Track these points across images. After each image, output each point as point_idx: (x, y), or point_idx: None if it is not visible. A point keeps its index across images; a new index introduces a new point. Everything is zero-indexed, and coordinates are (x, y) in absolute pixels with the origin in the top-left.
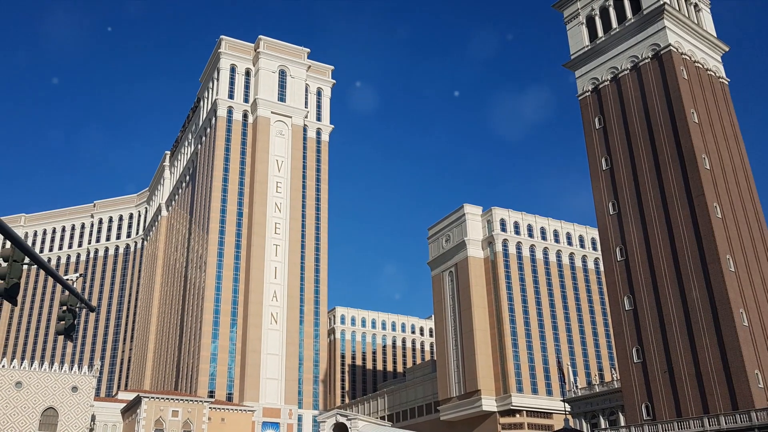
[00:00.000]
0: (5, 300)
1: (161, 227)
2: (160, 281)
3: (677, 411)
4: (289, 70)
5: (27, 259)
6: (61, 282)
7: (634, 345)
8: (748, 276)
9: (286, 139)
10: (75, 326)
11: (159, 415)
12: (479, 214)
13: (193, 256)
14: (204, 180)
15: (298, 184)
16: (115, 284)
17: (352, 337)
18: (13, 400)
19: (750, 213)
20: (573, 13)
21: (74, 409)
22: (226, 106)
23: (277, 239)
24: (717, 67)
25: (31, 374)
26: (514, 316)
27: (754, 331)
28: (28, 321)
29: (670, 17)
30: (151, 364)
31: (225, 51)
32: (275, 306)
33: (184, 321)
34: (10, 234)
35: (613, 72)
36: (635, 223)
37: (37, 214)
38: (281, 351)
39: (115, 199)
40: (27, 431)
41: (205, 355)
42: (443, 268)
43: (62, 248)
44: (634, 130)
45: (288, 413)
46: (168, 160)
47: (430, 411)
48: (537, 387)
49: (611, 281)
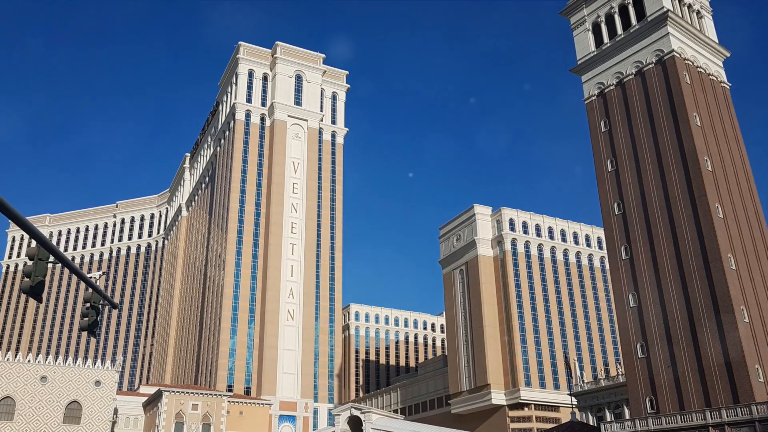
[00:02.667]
0: (31, 297)
1: (181, 227)
2: (181, 279)
3: (680, 404)
4: (305, 75)
5: (52, 257)
6: (85, 280)
7: (639, 341)
8: (749, 274)
9: (302, 141)
10: (98, 322)
11: (179, 409)
12: (489, 214)
13: (213, 254)
14: (223, 181)
15: (314, 185)
16: (136, 282)
17: (366, 333)
18: (38, 394)
19: (750, 213)
20: (579, 19)
21: (97, 402)
22: (245, 109)
23: (293, 238)
24: (718, 72)
25: (56, 369)
26: (522, 313)
27: (755, 327)
28: (52, 317)
29: (674, 24)
30: (172, 359)
31: (243, 56)
32: (292, 303)
33: (203, 317)
34: (36, 233)
35: (618, 77)
36: (639, 222)
37: (61, 214)
38: (297, 346)
39: (137, 199)
40: (52, 424)
41: (224, 351)
42: (454, 266)
43: (86, 247)
44: (638, 133)
45: (304, 407)
46: (188, 162)
47: (442, 404)
48: (545, 381)
49: (616, 279)
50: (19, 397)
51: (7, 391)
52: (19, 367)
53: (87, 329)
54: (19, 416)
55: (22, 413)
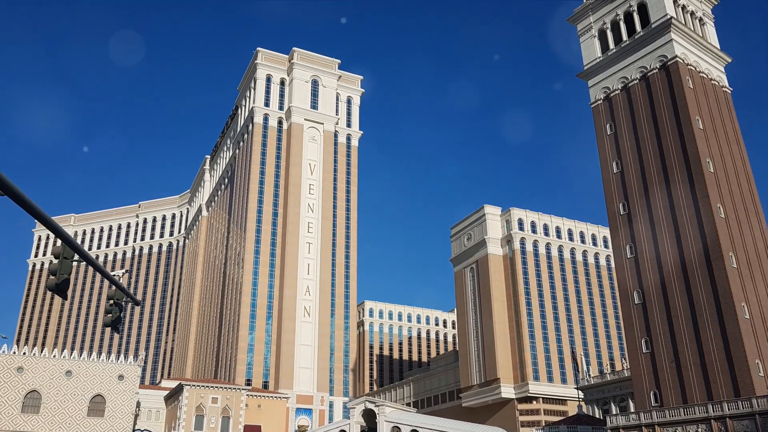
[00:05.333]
0: (56, 294)
1: (201, 226)
2: (201, 277)
3: (683, 398)
4: (321, 80)
5: (76, 256)
6: (108, 278)
7: (643, 336)
8: (750, 272)
9: (318, 144)
10: (121, 319)
11: (200, 402)
12: (498, 214)
13: (232, 253)
14: (242, 182)
15: (330, 186)
16: (158, 280)
17: (380, 328)
18: (63, 388)
19: (751, 213)
20: (586, 26)
21: (120, 396)
22: (263, 113)
23: (309, 237)
24: (720, 77)
25: (81, 363)
26: (531, 310)
27: (755, 323)
28: (77, 314)
29: (677, 30)
30: (192, 354)
31: (261, 62)
32: (308, 300)
33: (223, 314)
34: (61, 233)
35: (623, 81)
36: (644, 222)
37: (85, 214)
38: (314, 342)
39: (159, 200)
40: (76, 417)
41: (242, 346)
42: (465, 264)
43: (109, 246)
44: (643, 136)
45: (320, 400)
46: (208, 164)
47: (453, 398)
48: (552, 375)
49: (621, 277)
50: (45, 391)
51: (33, 385)
52: (45, 362)
53: (110, 325)
54: (45, 409)
55: (47, 406)
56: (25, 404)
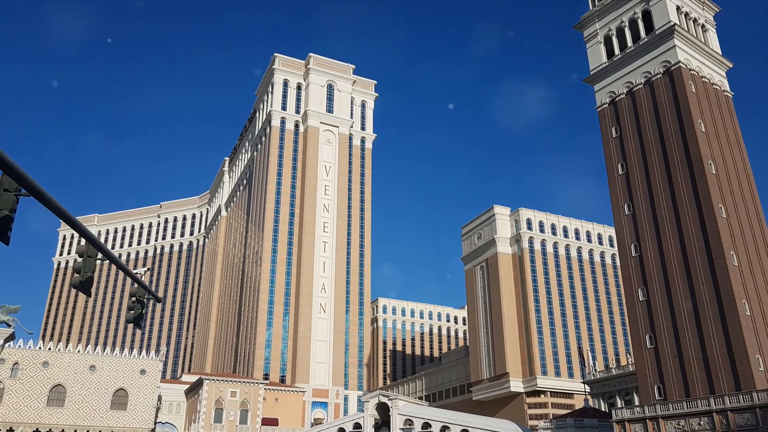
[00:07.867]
0: (81, 291)
1: (221, 226)
2: (220, 275)
3: (686, 392)
4: (336, 85)
5: (100, 255)
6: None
7: (647, 332)
8: (750, 270)
9: (334, 146)
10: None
11: (219, 396)
12: (508, 214)
13: (250, 252)
14: (259, 183)
15: (344, 187)
16: (179, 278)
17: (393, 325)
18: (87, 382)
19: (752, 213)
20: (592, 33)
21: (142, 390)
22: (280, 116)
23: (325, 237)
24: (722, 82)
25: (104, 359)
26: (539, 306)
27: (756, 319)
28: (101, 311)
29: (680, 37)
30: (212, 349)
31: (278, 67)
32: (324, 297)
33: (241, 311)
34: (85, 232)
35: (628, 86)
36: (648, 222)
37: (109, 214)
38: (329, 338)
39: (180, 200)
40: (100, 410)
41: (260, 342)
42: (475, 263)
43: (132, 245)
44: (647, 139)
45: (335, 394)
46: (227, 165)
47: (463, 392)
48: (560, 370)
49: (626, 275)
50: (70, 385)
51: (58, 380)
52: (70, 357)
53: (133, 321)
54: (70, 403)
55: (72, 400)
56: (50, 398)
